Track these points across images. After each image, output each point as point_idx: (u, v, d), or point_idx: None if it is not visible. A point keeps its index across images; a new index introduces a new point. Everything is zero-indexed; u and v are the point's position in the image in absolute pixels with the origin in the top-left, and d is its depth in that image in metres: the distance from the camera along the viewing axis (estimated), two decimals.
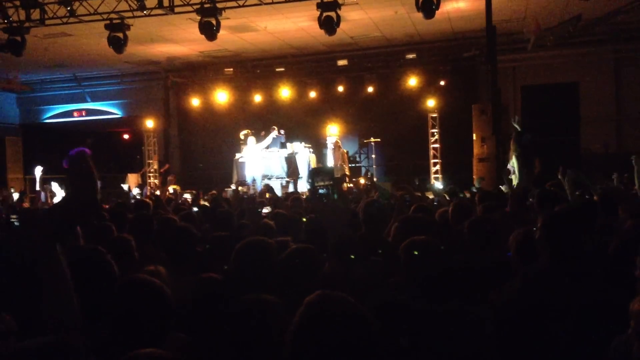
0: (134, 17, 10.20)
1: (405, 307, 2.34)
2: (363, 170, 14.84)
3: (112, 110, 17.93)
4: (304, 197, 10.63)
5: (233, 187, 13.51)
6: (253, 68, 15.85)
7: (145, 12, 9.91)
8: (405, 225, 3.58)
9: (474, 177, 13.96)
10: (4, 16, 10.23)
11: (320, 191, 11.59)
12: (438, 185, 13.05)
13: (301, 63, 15.42)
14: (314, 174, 12.93)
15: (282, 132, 14.70)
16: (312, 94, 15.41)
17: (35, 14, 10.27)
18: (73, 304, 1.98)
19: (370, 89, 14.91)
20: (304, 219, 4.84)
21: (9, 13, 10.24)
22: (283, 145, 14.78)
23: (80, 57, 14.62)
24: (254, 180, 14.42)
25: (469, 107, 14.15)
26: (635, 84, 13.74)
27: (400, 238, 3.27)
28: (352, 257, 3.34)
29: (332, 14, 9.61)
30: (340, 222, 3.75)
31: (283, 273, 2.98)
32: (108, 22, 10.32)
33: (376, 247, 3.60)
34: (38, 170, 14.72)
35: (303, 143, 14.68)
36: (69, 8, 10.02)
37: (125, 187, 14.92)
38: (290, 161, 14.36)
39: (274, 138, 14.34)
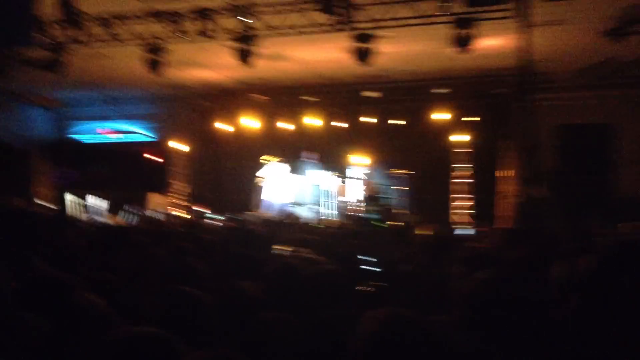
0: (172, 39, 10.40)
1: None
2: (391, 202, 14.81)
3: (140, 131, 18.17)
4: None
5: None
6: (282, 96, 15.99)
7: (184, 37, 10.12)
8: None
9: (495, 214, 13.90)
10: (47, 35, 10.50)
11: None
12: None
13: (330, 93, 15.52)
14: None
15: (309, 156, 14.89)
16: (341, 124, 15.48)
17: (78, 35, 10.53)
18: None
19: (399, 121, 14.94)
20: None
21: (53, 33, 10.52)
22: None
23: (114, 79, 14.87)
24: (275, 205, 14.51)
25: (498, 143, 14.09)
26: None
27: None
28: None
29: (368, 46, 9.72)
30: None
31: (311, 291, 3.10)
32: (148, 45, 10.54)
33: None
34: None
35: (331, 172, 14.75)
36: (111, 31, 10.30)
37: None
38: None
39: (306, 161, 14.53)
